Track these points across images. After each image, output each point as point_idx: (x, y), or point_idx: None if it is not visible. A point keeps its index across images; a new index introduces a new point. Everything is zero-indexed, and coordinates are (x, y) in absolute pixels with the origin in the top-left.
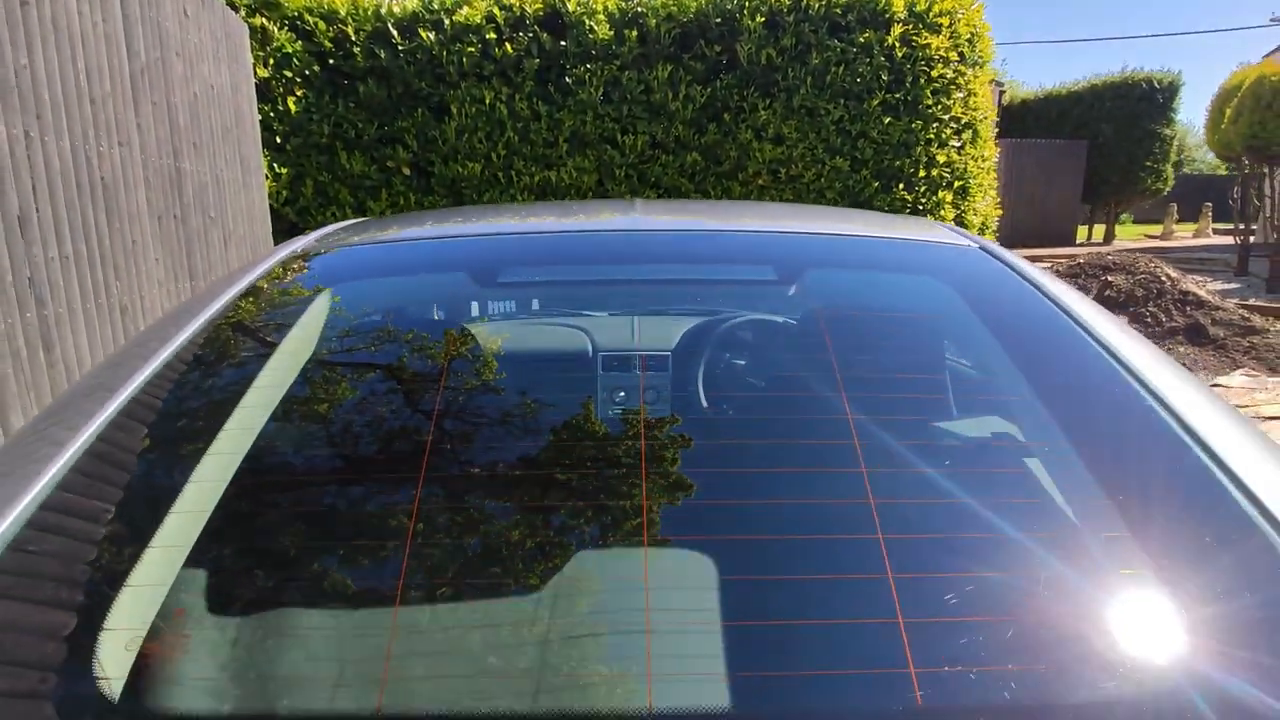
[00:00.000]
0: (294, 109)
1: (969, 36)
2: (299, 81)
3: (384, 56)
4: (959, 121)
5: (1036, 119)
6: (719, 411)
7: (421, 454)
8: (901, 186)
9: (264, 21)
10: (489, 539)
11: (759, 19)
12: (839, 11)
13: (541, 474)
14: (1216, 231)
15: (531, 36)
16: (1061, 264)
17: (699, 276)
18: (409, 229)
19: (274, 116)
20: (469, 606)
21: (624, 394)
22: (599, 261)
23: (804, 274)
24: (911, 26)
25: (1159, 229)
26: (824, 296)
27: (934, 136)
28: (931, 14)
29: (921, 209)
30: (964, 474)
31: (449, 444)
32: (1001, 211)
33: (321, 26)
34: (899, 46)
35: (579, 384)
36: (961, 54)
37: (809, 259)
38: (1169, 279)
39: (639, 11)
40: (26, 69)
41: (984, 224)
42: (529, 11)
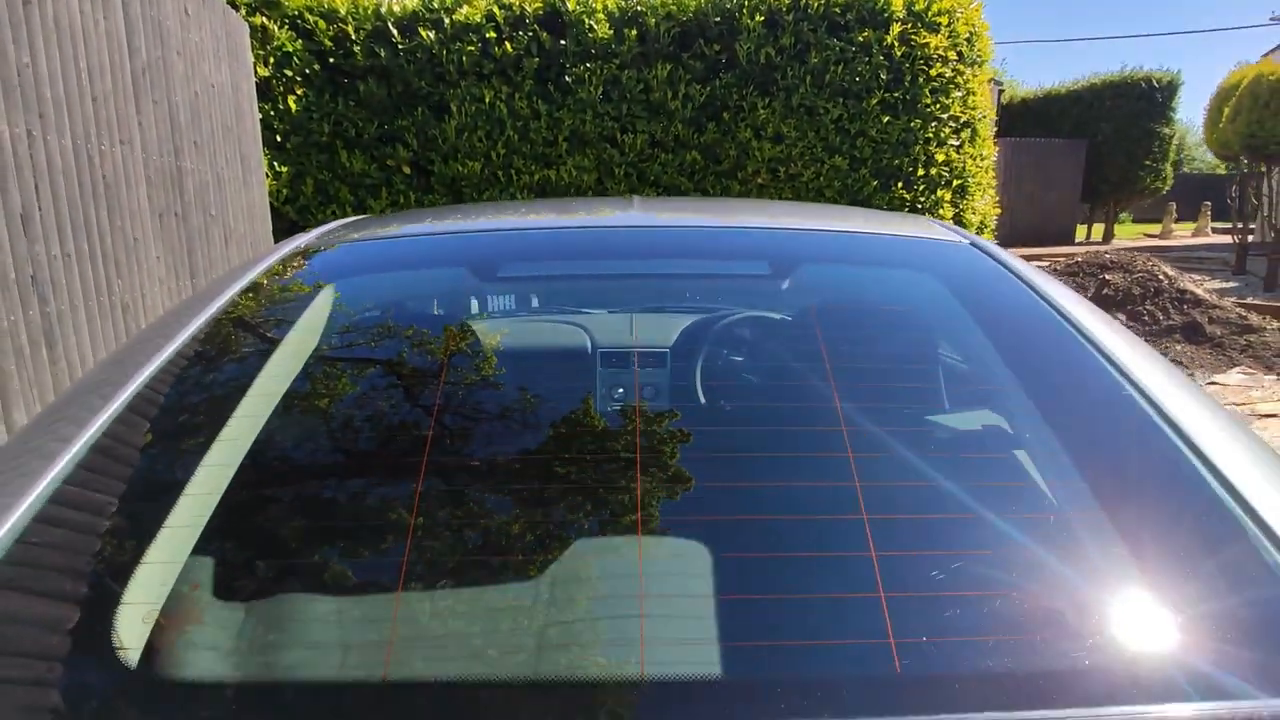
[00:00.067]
0: (294, 108)
1: (967, 36)
2: (299, 80)
3: (384, 55)
4: (958, 120)
5: (1036, 118)
6: (714, 405)
7: (424, 445)
8: (900, 185)
9: (264, 20)
10: (490, 524)
11: (758, 18)
12: (838, 10)
13: (541, 464)
14: (1215, 230)
15: (531, 35)
16: (1060, 263)
17: (696, 271)
18: (410, 226)
19: (274, 115)
20: (470, 581)
21: (622, 390)
22: (598, 257)
23: (799, 269)
24: (910, 26)
25: (1158, 228)
26: (819, 292)
27: (933, 135)
28: (930, 13)
29: (920, 208)
30: (949, 461)
31: (452, 434)
32: (1000, 210)
33: (321, 25)
34: (898, 45)
35: (579, 379)
36: (960, 53)
37: (804, 255)
38: (1166, 277)
39: (638, 10)
40: (29, 67)
41: (983, 223)
42: (529, 10)
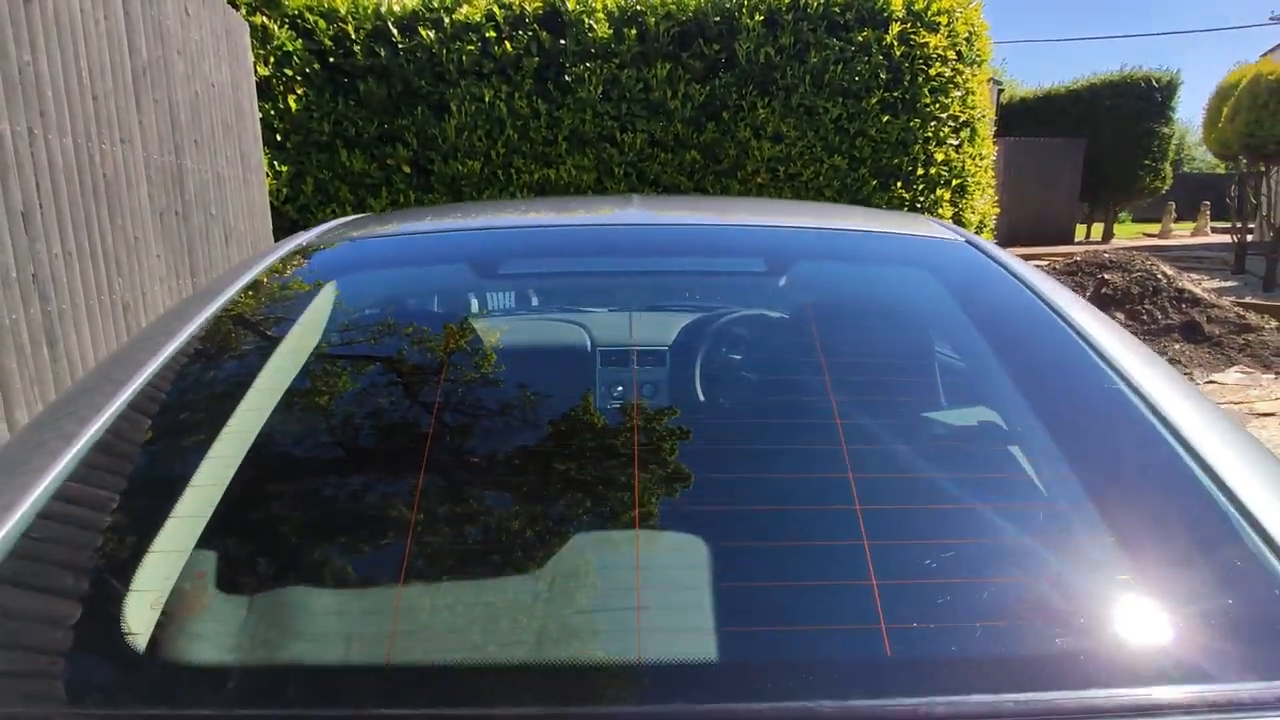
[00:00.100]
0: (294, 107)
1: (967, 35)
2: (299, 79)
3: (384, 55)
4: (957, 120)
5: (1035, 117)
6: (711, 401)
7: (425, 440)
8: (899, 184)
9: (264, 20)
10: (492, 515)
11: (758, 18)
12: (837, 10)
13: (542, 459)
14: (1214, 230)
15: (531, 35)
16: (1058, 262)
17: (693, 269)
18: (410, 224)
19: (274, 114)
20: (471, 570)
21: (621, 389)
22: (598, 254)
23: (795, 266)
24: (910, 25)
25: (1157, 228)
26: (815, 289)
27: (932, 135)
28: (929, 13)
29: (919, 207)
30: (940, 454)
31: (454, 430)
32: (999, 210)
33: (321, 25)
34: (897, 45)
35: (579, 376)
36: (959, 53)
37: (801, 252)
38: (1165, 277)
39: (638, 10)
40: (30, 66)
41: (982, 222)
42: (528, 10)
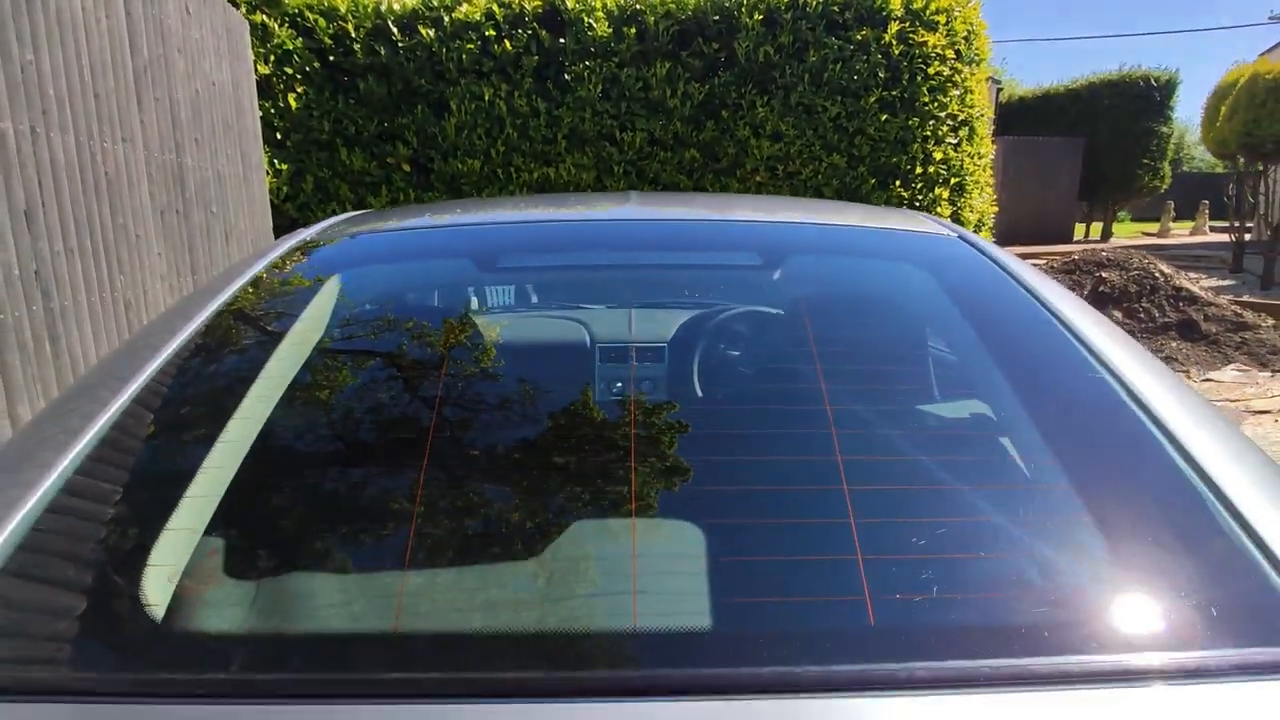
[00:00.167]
0: (294, 105)
1: (965, 34)
2: (299, 78)
3: (384, 53)
4: (955, 119)
5: (1034, 116)
6: (707, 392)
7: (430, 428)
8: (898, 183)
9: (264, 18)
10: (495, 499)
11: (757, 16)
12: (836, 9)
13: (544, 450)
14: (1213, 229)
15: (530, 33)
16: (1056, 260)
17: (689, 263)
18: (412, 219)
19: (274, 113)
20: (476, 543)
21: (620, 385)
22: (598, 248)
23: (789, 261)
24: (908, 24)
25: (1156, 227)
26: (809, 283)
27: (930, 134)
28: (928, 12)
29: (918, 205)
30: (926, 440)
31: (457, 423)
32: (998, 209)
33: (322, 23)
34: (896, 44)
35: (580, 371)
36: (958, 51)
37: (795, 247)
38: (1162, 275)
39: (637, 9)
40: (32, 64)
41: (980, 221)
42: (528, 8)
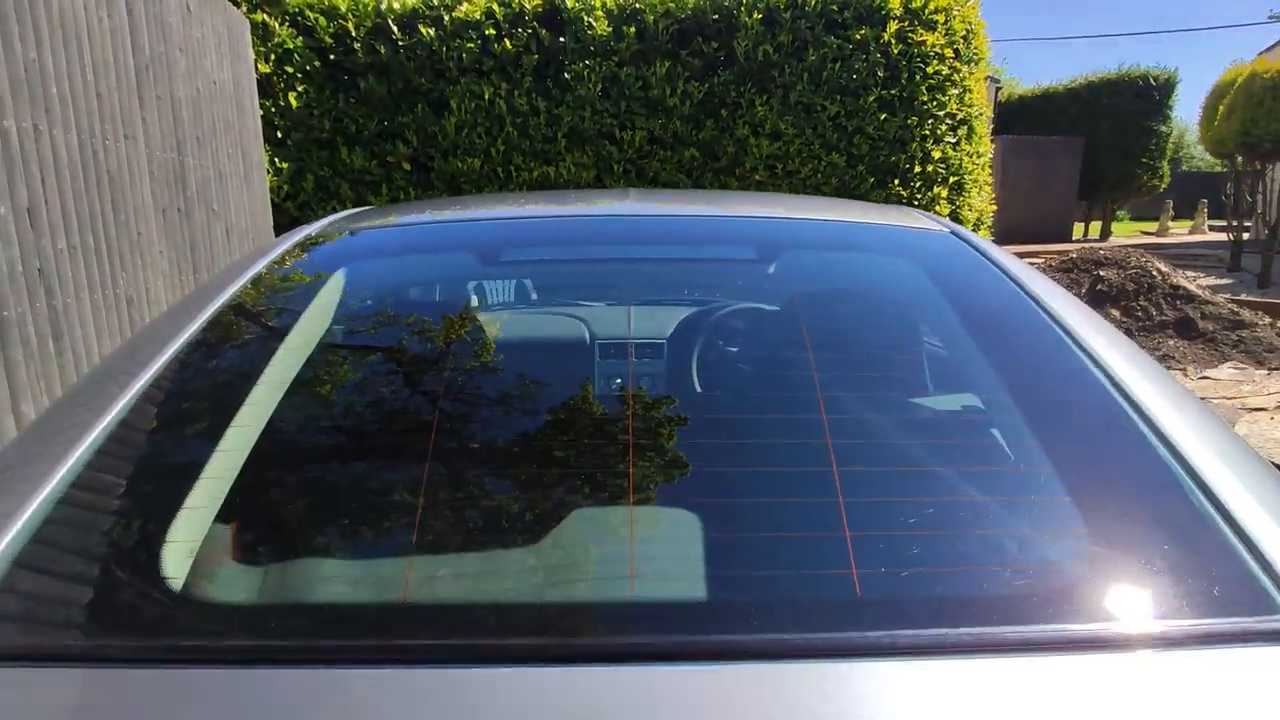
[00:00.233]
0: (295, 104)
1: (964, 33)
2: (300, 77)
3: (384, 52)
4: (954, 118)
5: (1033, 115)
6: (705, 384)
7: (434, 419)
8: (897, 182)
9: (265, 17)
10: (500, 486)
11: (756, 15)
12: (835, 8)
13: (546, 441)
14: (1212, 228)
15: (530, 32)
16: (1055, 259)
17: (685, 256)
18: (414, 215)
19: (275, 112)
20: (482, 518)
21: (620, 381)
22: (597, 241)
23: (784, 255)
24: (907, 23)
25: (1155, 226)
26: (803, 277)
27: (929, 132)
28: (927, 11)
29: (917, 204)
30: (912, 426)
31: (460, 417)
32: (997, 207)
33: (322, 22)
34: (895, 43)
35: (581, 365)
36: (957, 50)
37: (789, 241)
38: (1160, 274)
39: (637, 8)
40: (35, 63)
41: (979, 219)
42: (528, 7)
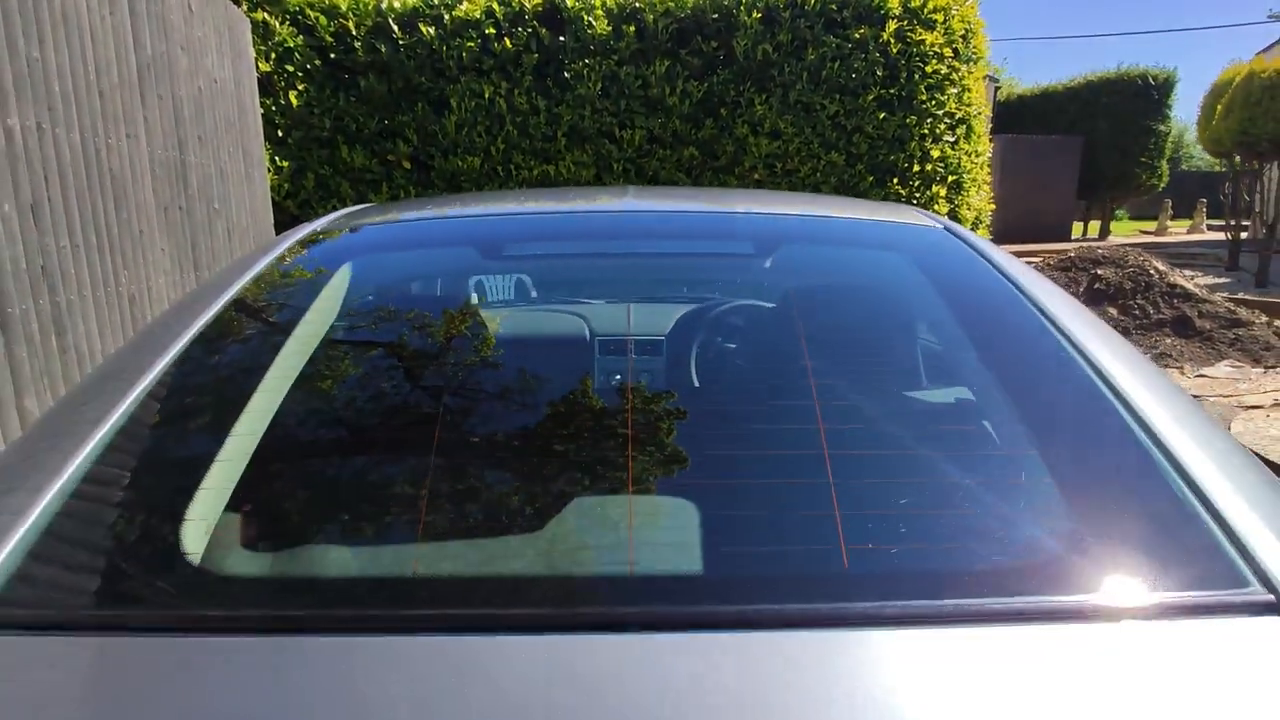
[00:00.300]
0: (295, 103)
1: (963, 33)
2: (300, 76)
3: (384, 51)
4: (953, 117)
5: (1033, 115)
6: (702, 375)
7: (438, 412)
8: (896, 180)
9: (266, 16)
10: (504, 476)
11: (755, 15)
12: (835, 8)
13: (548, 431)
14: (1210, 228)
15: (530, 32)
16: (1053, 258)
17: (683, 251)
18: (416, 211)
19: (276, 110)
20: (488, 497)
21: (619, 377)
22: (598, 236)
23: (779, 250)
24: (906, 23)
25: (1154, 225)
26: (797, 272)
27: (928, 132)
28: (926, 10)
29: (915, 203)
30: (901, 415)
31: (464, 411)
32: (995, 206)
33: (323, 21)
34: (894, 42)
35: (582, 359)
36: (956, 50)
37: (785, 237)
38: (1158, 273)
39: (637, 7)
40: (39, 61)
41: (978, 218)
42: (528, 7)
